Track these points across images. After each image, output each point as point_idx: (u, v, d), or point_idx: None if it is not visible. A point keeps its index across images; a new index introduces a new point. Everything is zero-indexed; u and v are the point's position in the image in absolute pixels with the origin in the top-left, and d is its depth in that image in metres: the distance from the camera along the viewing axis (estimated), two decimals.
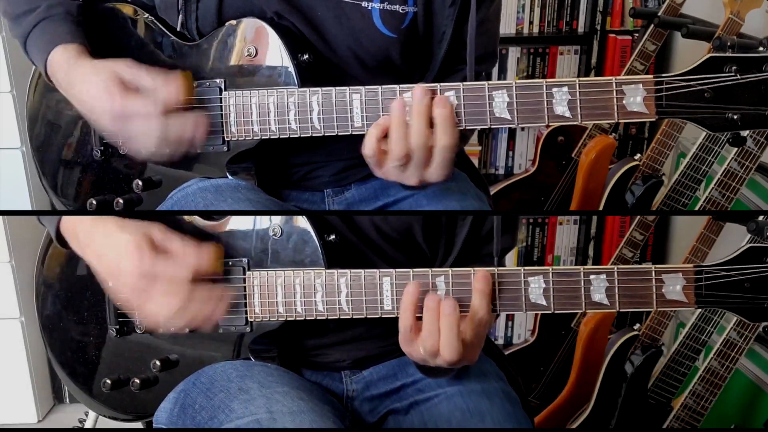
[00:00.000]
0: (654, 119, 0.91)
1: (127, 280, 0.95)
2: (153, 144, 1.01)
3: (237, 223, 1.02)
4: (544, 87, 0.93)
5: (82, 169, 1.15)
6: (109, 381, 1.06)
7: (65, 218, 1.01)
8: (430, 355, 0.93)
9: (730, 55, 0.88)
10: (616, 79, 0.92)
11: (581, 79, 0.92)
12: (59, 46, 1.04)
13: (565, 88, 0.93)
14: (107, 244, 0.96)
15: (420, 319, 0.94)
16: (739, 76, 0.89)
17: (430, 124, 0.95)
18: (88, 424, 1.45)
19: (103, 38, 1.10)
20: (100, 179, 1.14)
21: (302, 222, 1.00)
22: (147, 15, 1.11)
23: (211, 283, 0.97)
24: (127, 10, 1.12)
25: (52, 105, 1.16)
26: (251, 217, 1.01)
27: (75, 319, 1.09)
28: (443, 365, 0.94)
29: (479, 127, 0.97)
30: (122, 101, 0.99)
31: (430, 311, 0.93)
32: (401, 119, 0.95)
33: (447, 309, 0.93)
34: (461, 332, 0.92)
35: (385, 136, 0.96)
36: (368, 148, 0.96)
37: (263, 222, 1.01)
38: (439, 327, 0.92)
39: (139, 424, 1.10)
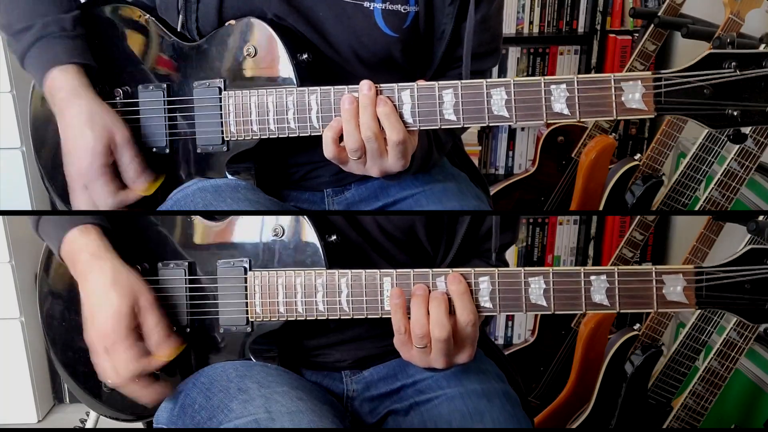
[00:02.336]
0: (653, 116, 0.91)
1: (93, 330, 0.97)
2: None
3: (238, 223, 1.01)
4: (542, 84, 0.93)
5: None
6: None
7: (68, 242, 1.01)
8: (421, 343, 0.94)
9: (730, 51, 0.88)
10: (614, 76, 0.92)
11: (579, 76, 0.92)
12: (55, 67, 1.04)
13: (564, 86, 0.93)
14: (95, 290, 0.98)
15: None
16: (738, 72, 0.88)
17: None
18: (89, 424, 1.45)
19: (104, 40, 1.10)
20: None
21: (303, 222, 1.00)
22: (147, 15, 1.11)
23: (154, 377, 1.00)
24: (128, 11, 1.12)
25: None
26: (252, 217, 1.01)
27: (77, 319, 1.08)
28: (438, 361, 0.95)
29: (478, 125, 0.97)
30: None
31: (417, 297, 0.95)
32: (351, 113, 0.97)
33: (435, 293, 0.95)
34: (449, 326, 0.94)
35: (340, 137, 0.99)
36: (327, 152, 1.00)
37: (264, 222, 1.01)
38: (428, 310, 0.94)
39: (139, 424, 1.10)
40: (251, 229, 1.01)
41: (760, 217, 1.52)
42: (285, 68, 1.04)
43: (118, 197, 1.06)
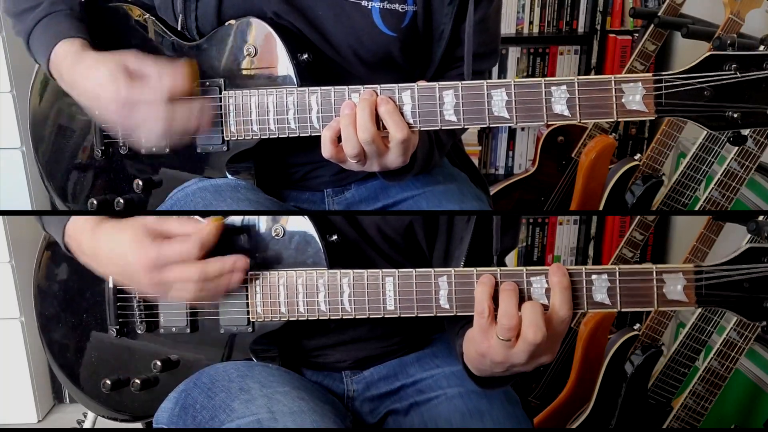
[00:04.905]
0: (653, 118, 0.91)
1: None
2: (158, 132, 1.01)
3: (238, 224, 1.01)
4: (543, 86, 0.93)
5: (84, 170, 1.15)
6: (109, 382, 1.06)
7: (69, 231, 1.01)
8: (507, 337, 0.88)
9: (731, 53, 0.88)
10: (615, 78, 0.92)
11: (580, 77, 0.92)
12: (63, 40, 1.04)
13: (564, 87, 0.93)
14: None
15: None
16: (739, 74, 0.88)
17: (377, 121, 0.97)
18: (86, 425, 1.45)
19: (104, 38, 1.09)
20: (101, 179, 1.14)
21: (304, 222, 1.00)
22: (147, 15, 1.11)
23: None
24: (128, 10, 1.12)
25: (54, 106, 1.16)
26: (253, 218, 1.01)
27: (74, 321, 1.09)
28: (520, 357, 0.89)
29: (478, 126, 0.97)
30: (128, 88, 0.99)
31: (507, 292, 0.90)
32: (350, 119, 0.97)
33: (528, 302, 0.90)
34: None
35: (338, 137, 0.98)
36: (326, 151, 0.99)
37: (265, 222, 1.01)
38: (520, 307, 0.89)
39: (138, 425, 1.10)
40: (252, 229, 1.01)
41: (760, 217, 1.52)
42: (285, 68, 1.04)
43: (169, 83, 1.00)
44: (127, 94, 0.99)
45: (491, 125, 0.96)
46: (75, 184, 1.17)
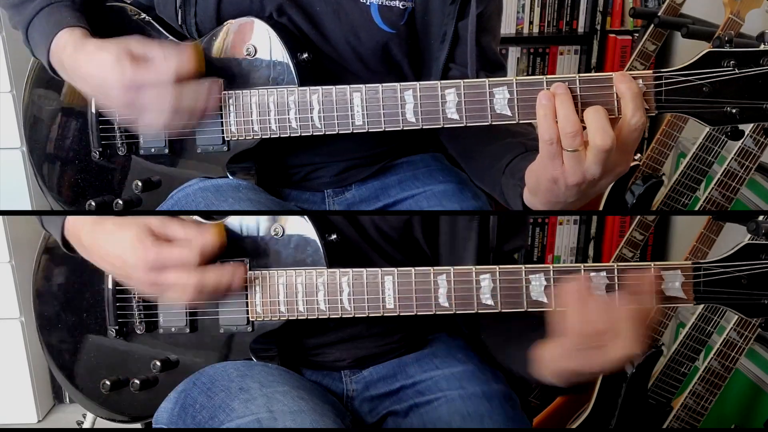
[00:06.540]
0: (654, 114, 0.91)
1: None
2: (166, 114, 0.99)
3: (238, 223, 1.01)
4: (545, 83, 0.93)
5: (81, 170, 1.15)
6: (108, 382, 1.06)
7: (68, 225, 1.01)
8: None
9: (728, 50, 0.88)
10: (615, 75, 0.92)
11: (581, 75, 0.92)
12: (64, 29, 1.04)
13: (566, 84, 0.93)
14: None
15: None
16: (737, 71, 0.89)
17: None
18: (86, 425, 1.45)
19: (102, 37, 1.09)
20: (99, 180, 1.14)
21: (304, 222, 1.00)
22: (145, 15, 1.11)
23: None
24: (126, 9, 1.12)
25: (50, 105, 1.16)
26: (252, 217, 1.01)
27: (73, 321, 1.08)
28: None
29: (480, 124, 0.97)
30: (133, 70, 0.98)
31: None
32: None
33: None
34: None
35: None
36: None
37: (265, 222, 1.01)
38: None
39: (138, 425, 1.10)
40: (251, 229, 1.01)
41: (760, 217, 1.52)
42: (286, 68, 1.04)
43: (175, 63, 0.99)
44: (133, 77, 0.97)
45: (494, 123, 0.96)
46: (72, 185, 1.16)
